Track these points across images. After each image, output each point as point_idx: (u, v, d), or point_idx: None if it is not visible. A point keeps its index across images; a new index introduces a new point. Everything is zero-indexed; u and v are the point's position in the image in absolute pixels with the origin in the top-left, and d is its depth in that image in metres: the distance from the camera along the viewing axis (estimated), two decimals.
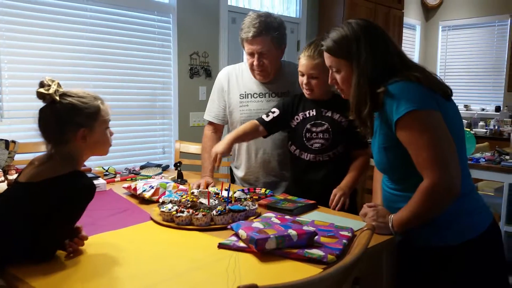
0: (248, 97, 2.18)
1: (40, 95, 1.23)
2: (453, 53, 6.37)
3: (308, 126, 1.92)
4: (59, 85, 1.25)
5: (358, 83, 1.37)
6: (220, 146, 1.89)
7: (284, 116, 2.00)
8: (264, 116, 2.01)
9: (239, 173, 2.28)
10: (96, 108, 1.30)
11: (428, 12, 6.55)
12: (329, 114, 1.92)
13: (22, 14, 2.82)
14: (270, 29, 2.01)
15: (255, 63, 2.06)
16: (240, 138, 2.01)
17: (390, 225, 1.37)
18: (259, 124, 1.99)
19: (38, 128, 1.27)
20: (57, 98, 1.24)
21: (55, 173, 1.21)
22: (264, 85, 2.18)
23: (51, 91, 1.22)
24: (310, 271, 1.14)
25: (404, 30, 5.74)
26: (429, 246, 1.37)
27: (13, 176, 2.00)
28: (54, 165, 1.24)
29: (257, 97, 2.18)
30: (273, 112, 2.01)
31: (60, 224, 1.20)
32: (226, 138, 1.94)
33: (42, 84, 1.23)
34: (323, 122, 1.91)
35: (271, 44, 2.03)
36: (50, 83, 1.23)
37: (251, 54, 2.06)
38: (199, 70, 3.80)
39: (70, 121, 1.25)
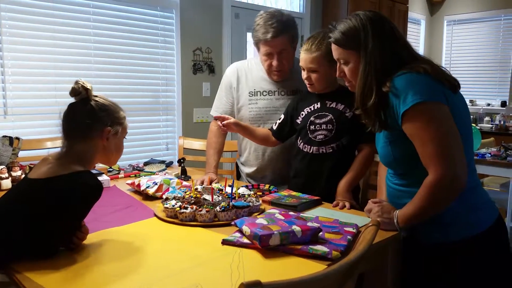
0: (257, 95, 2.17)
1: (75, 90, 1.28)
2: (459, 48, 6.32)
3: (312, 118, 1.90)
4: (92, 88, 1.32)
5: (365, 72, 1.36)
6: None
7: (290, 119, 2.00)
8: (273, 126, 2.06)
9: (246, 169, 2.28)
10: (123, 115, 1.39)
11: (433, 7, 6.50)
12: (333, 105, 1.88)
13: (25, 10, 2.82)
14: (288, 28, 1.99)
15: (274, 63, 2.03)
16: (250, 131, 2.07)
17: (395, 220, 1.36)
18: (270, 133, 2.07)
19: (63, 121, 1.30)
20: (91, 96, 1.31)
21: (64, 171, 1.22)
22: (273, 83, 2.16)
23: (88, 86, 1.29)
24: (314, 268, 1.13)
25: (409, 25, 5.70)
26: (434, 242, 1.36)
27: (17, 173, 2.00)
28: (65, 163, 1.25)
29: (266, 94, 2.16)
30: (280, 119, 2.05)
31: (67, 222, 1.21)
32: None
33: (77, 82, 1.29)
34: (326, 114, 1.88)
35: (288, 43, 2.02)
36: (86, 83, 1.30)
37: (269, 55, 2.03)
38: (203, 66, 3.78)
39: (99, 119, 1.31)
